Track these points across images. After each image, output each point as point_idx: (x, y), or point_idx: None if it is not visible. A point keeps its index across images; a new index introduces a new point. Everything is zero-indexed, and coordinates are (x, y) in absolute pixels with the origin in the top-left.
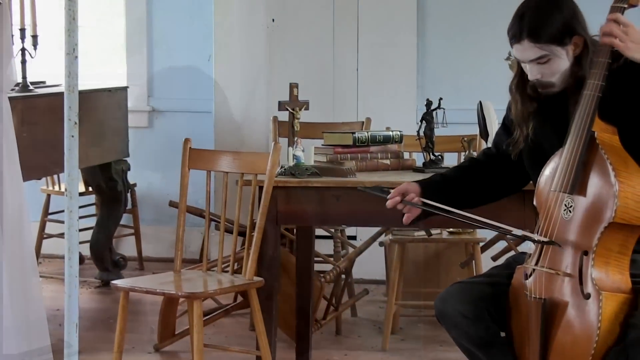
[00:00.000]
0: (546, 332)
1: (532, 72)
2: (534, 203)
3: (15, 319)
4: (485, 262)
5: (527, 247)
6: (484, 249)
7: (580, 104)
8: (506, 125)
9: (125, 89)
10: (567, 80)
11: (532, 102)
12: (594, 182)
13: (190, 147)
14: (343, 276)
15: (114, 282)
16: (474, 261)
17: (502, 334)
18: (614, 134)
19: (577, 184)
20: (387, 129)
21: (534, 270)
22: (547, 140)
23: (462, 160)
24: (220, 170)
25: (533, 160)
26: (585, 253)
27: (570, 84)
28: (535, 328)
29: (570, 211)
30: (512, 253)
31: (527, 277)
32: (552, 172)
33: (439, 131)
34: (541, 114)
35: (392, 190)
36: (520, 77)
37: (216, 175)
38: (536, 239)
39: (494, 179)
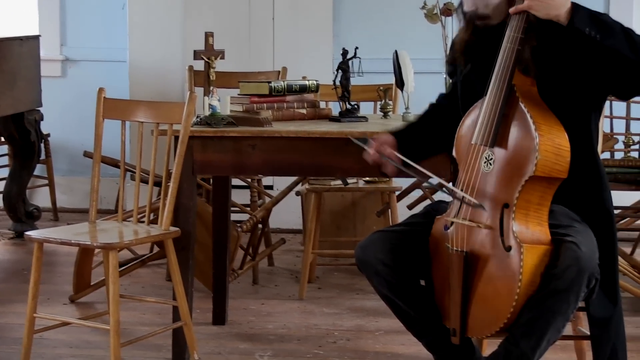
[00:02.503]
0: (467, 284)
1: (467, 3)
2: (453, 154)
3: None
4: (401, 211)
5: (444, 195)
6: (399, 197)
7: (499, 57)
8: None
9: (37, 37)
10: (504, 13)
11: (471, 35)
12: (515, 136)
13: (104, 97)
14: (260, 226)
15: (27, 233)
16: (390, 210)
17: (422, 283)
18: (532, 85)
19: (497, 138)
20: (304, 78)
21: (453, 222)
22: (480, 82)
23: (378, 110)
24: (135, 120)
25: (465, 102)
26: (506, 206)
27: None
28: (456, 280)
29: (490, 164)
30: (428, 201)
31: (447, 228)
32: (472, 123)
33: (354, 80)
34: (478, 52)
35: (372, 141)
36: None
37: (131, 125)
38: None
39: (451, 125)
